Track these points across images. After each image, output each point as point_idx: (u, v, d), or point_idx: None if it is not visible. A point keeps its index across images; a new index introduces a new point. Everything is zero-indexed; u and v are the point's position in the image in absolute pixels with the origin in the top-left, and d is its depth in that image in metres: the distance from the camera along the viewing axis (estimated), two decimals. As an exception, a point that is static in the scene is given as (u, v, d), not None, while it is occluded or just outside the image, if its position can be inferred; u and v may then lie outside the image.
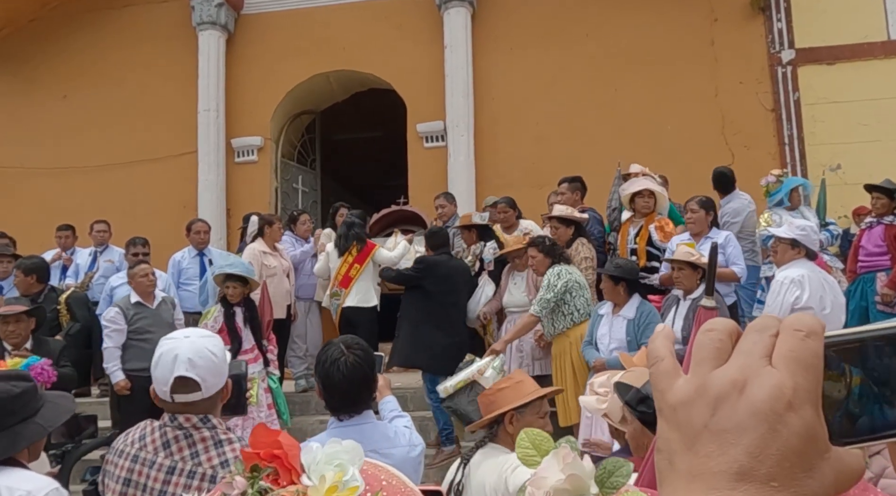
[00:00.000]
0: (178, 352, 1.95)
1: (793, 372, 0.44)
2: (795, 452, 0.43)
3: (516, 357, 5.64)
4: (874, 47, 8.44)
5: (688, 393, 0.46)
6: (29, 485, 1.86)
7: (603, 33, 8.99)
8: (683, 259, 4.74)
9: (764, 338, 0.46)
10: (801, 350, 0.45)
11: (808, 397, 0.44)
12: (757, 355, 0.46)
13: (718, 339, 0.47)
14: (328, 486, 0.79)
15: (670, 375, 0.48)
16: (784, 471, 0.43)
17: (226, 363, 2.04)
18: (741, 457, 0.43)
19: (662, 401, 0.47)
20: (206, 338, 2.03)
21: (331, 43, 9.52)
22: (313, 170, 10.77)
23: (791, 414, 0.43)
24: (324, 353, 2.37)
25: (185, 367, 1.93)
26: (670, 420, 0.46)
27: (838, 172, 8.25)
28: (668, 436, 0.46)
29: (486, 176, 8.91)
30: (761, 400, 0.44)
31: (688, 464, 0.45)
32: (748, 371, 0.45)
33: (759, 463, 0.43)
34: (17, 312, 4.65)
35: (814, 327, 0.46)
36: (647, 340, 4.45)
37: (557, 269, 5.11)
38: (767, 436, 0.43)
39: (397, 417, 2.56)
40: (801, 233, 4.69)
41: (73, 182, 9.68)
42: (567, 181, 6.56)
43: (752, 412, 0.44)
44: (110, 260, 7.23)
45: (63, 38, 10.08)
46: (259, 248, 6.55)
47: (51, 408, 2.01)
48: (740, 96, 8.64)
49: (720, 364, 0.46)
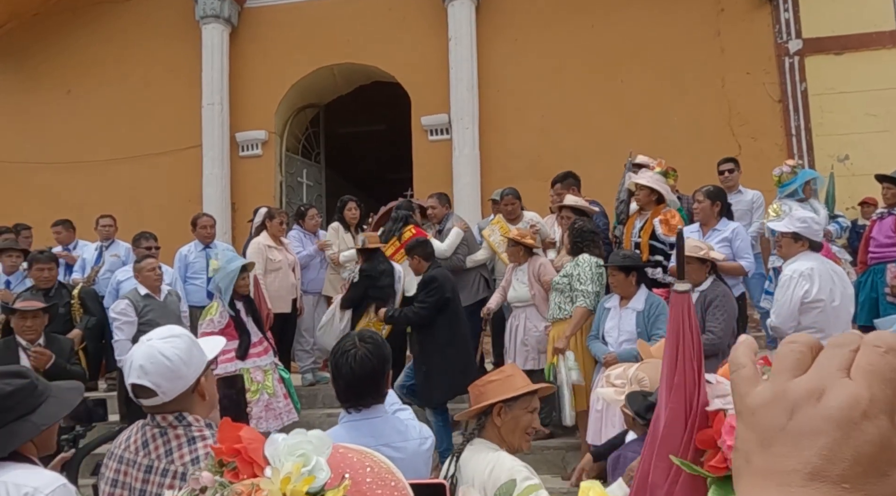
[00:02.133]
0: (133, 358, 1.95)
1: (870, 384, 0.47)
2: (868, 458, 0.45)
3: (521, 350, 5.61)
4: (882, 37, 8.38)
5: (766, 398, 0.50)
6: (35, 481, 1.84)
7: (608, 24, 8.94)
8: (691, 253, 4.71)
9: (843, 352, 0.49)
10: (879, 364, 0.48)
11: (884, 408, 0.46)
12: (835, 367, 0.48)
13: (799, 351, 0.51)
14: (282, 477, 0.79)
15: (751, 381, 0.52)
16: (856, 474, 0.45)
17: (188, 363, 1.96)
18: (814, 459, 0.46)
19: (742, 405, 0.51)
20: (164, 341, 1.96)
21: (334, 36, 9.48)
22: (318, 163, 10.75)
23: (866, 422, 0.46)
24: (338, 344, 2.40)
25: (137, 374, 1.92)
26: (748, 422, 0.50)
27: (846, 163, 8.20)
28: (746, 437, 0.50)
29: (490, 168, 8.88)
30: (837, 407, 0.46)
31: (763, 463, 0.48)
32: (826, 381, 0.48)
33: (832, 465, 0.45)
34: (35, 308, 4.64)
35: (893, 344, 0.48)
36: (657, 331, 4.44)
37: (593, 260, 5.07)
38: (841, 441, 0.46)
39: (399, 410, 2.54)
40: (801, 225, 4.66)
41: (77, 176, 9.68)
42: (558, 181, 6.51)
43: (826, 417, 0.46)
44: (116, 254, 7.22)
45: (67, 32, 10.07)
46: (264, 241, 6.55)
47: (53, 404, 1.98)
48: (747, 87, 8.59)
49: (800, 374, 0.49)
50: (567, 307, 5.09)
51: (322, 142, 10.87)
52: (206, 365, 2.05)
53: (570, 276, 5.12)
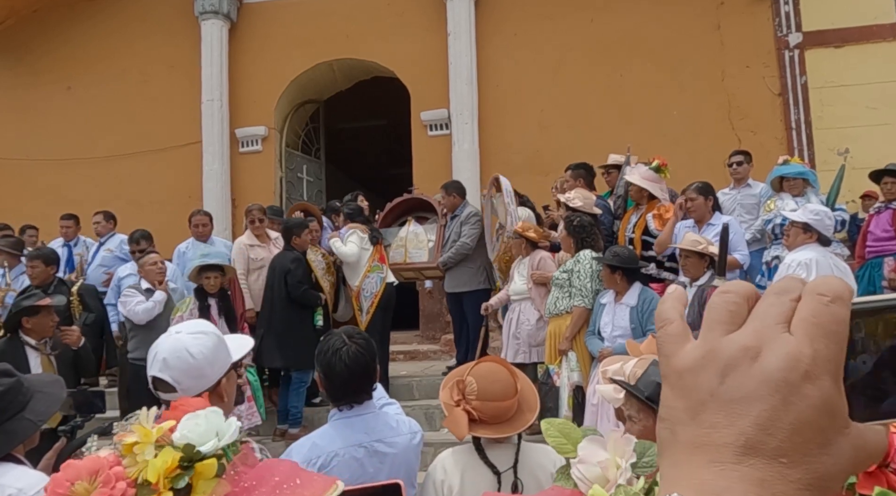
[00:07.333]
0: (158, 350, 1.90)
1: (812, 339, 0.41)
2: (810, 426, 0.40)
3: (513, 344, 5.61)
4: (882, 30, 8.34)
5: (695, 358, 0.43)
6: (20, 482, 1.82)
7: (607, 18, 8.92)
8: (689, 248, 4.72)
9: (783, 301, 0.43)
10: (823, 315, 0.41)
11: (828, 367, 0.41)
12: (774, 320, 0.42)
13: (733, 302, 0.44)
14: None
15: (678, 340, 0.45)
16: (796, 445, 0.40)
17: (212, 362, 1.91)
18: (749, 430, 0.40)
19: (668, 367, 0.44)
20: (192, 337, 1.90)
21: (334, 31, 9.47)
22: (318, 159, 10.76)
23: (807, 384, 0.40)
24: (325, 343, 2.37)
25: (159, 368, 1.88)
26: (675, 387, 0.44)
27: (846, 156, 8.17)
28: (672, 405, 0.43)
29: (490, 163, 8.87)
30: (775, 368, 0.40)
31: (691, 435, 0.42)
32: (763, 337, 0.42)
33: (769, 436, 0.40)
34: (49, 304, 4.62)
35: (840, 292, 0.42)
36: (651, 327, 4.44)
37: (593, 257, 5.08)
38: (780, 407, 0.40)
39: (387, 405, 2.55)
40: (814, 217, 4.64)
41: (78, 173, 9.69)
42: (570, 168, 6.48)
43: (763, 381, 0.40)
44: (109, 249, 7.26)
45: (66, 28, 10.07)
46: (246, 241, 6.56)
47: (41, 400, 1.95)
48: (747, 81, 8.57)
49: (733, 329, 0.43)
50: (564, 303, 5.09)
51: (322, 137, 10.87)
52: (231, 366, 1.98)
53: (570, 272, 5.13)
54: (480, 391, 2.22)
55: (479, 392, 2.22)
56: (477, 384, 2.24)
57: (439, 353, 7.98)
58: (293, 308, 5.97)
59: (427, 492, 2.31)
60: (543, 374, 5.15)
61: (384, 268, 6.43)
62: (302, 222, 6.35)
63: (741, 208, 6.18)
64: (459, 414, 2.22)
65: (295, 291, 5.93)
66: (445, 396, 2.31)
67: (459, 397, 2.26)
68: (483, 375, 2.26)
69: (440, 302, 8.13)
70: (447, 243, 6.49)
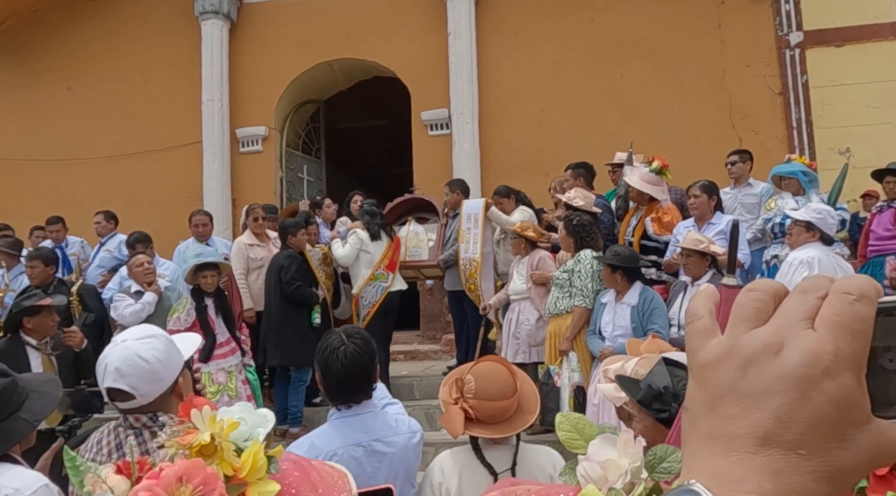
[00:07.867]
0: (108, 361, 1.87)
1: (836, 337, 0.41)
2: (828, 420, 0.41)
3: (512, 343, 5.60)
4: (883, 28, 8.33)
5: (718, 353, 0.44)
6: (16, 482, 1.79)
7: (608, 17, 8.90)
8: (691, 247, 4.70)
9: (809, 299, 0.43)
10: (847, 313, 0.42)
11: (850, 365, 0.41)
12: (798, 317, 0.43)
13: (759, 299, 0.45)
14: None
15: (705, 335, 0.46)
16: (813, 439, 0.41)
17: (166, 364, 1.89)
18: (767, 422, 0.41)
19: (693, 361, 0.46)
20: (141, 342, 1.88)
21: (334, 31, 9.47)
22: (318, 159, 10.75)
23: (827, 380, 0.41)
24: (324, 342, 2.35)
25: (113, 378, 1.85)
26: (698, 380, 0.45)
27: (847, 156, 8.15)
28: (695, 397, 0.45)
29: (491, 163, 8.87)
30: (795, 364, 0.41)
31: (709, 426, 0.43)
32: (785, 333, 0.42)
33: (786, 429, 0.41)
34: (50, 304, 4.62)
35: (866, 290, 0.43)
36: (653, 326, 4.43)
37: (594, 258, 5.06)
38: (798, 401, 0.41)
39: (389, 405, 2.53)
40: (817, 216, 4.63)
41: (78, 173, 9.69)
42: (570, 167, 6.46)
43: (782, 376, 0.41)
44: (108, 249, 7.25)
45: (66, 29, 10.07)
46: (245, 240, 6.55)
47: (36, 399, 1.93)
48: (748, 80, 8.55)
49: (758, 325, 0.44)
50: (564, 303, 5.08)
51: (322, 137, 10.86)
52: (184, 365, 1.98)
53: (570, 272, 5.11)
54: (478, 390, 2.21)
55: (477, 391, 2.21)
56: (475, 383, 2.23)
57: (440, 353, 7.97)
58: (289, 306, 5.97)
59: (424, 494, 2.30)
60: (544, 375, 5.14)
61: (389, 278, 6.33)
62: (297, 222, 6.34)
63: (742, 207, 6.18)
64: (455, 411, 2.21)
65: (287, 288, 5.92)
66: (444, 394, 2.31)
67: (458, 395, 2.25)
68: (482, 374, 2.25)
69: (441, 301, 8.12)
70: (448, 242, 6.48)
